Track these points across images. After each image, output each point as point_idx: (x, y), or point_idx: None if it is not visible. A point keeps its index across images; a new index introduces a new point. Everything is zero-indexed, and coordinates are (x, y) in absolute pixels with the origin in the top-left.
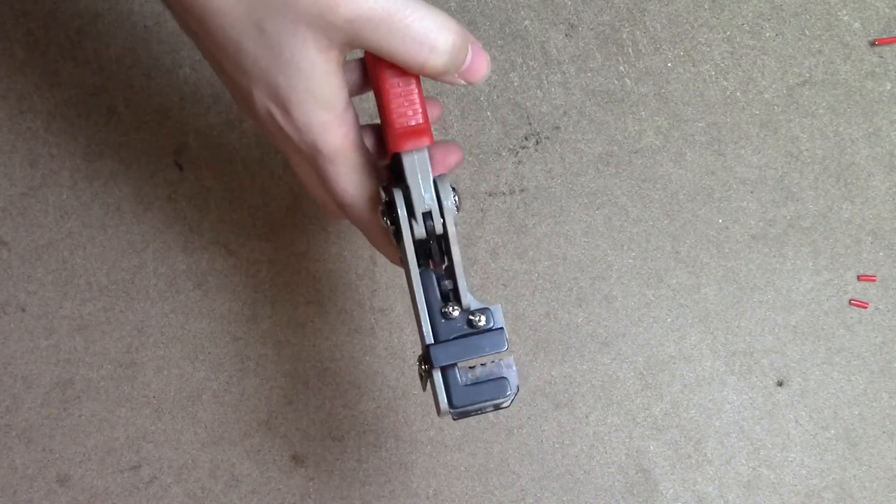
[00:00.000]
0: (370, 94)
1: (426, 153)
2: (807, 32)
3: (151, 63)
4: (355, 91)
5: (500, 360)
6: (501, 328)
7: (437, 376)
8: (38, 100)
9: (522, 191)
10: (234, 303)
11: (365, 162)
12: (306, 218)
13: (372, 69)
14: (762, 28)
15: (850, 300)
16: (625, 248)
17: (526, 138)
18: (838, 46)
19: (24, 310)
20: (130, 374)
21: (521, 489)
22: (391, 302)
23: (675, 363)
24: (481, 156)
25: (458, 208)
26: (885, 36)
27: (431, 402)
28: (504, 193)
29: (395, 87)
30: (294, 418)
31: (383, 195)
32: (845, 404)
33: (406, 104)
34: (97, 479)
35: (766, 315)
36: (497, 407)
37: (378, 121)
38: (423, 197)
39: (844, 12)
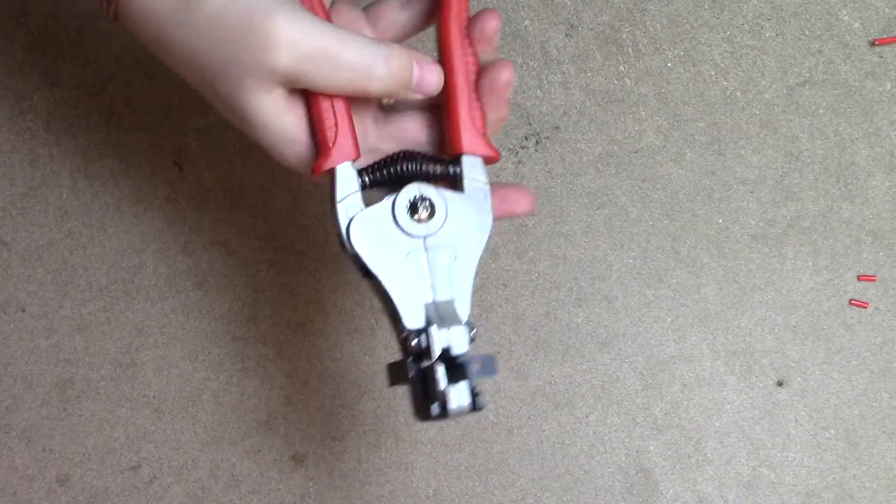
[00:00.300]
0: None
1: (333, 176)
2: (807, 32)
3: (151, 63)
4: (404, 32)
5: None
6: (408, 355)
7: (406, 388)
8: (38, 100)
9: None
10: (234, 303)
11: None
12: (306, 218)
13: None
14: (762, 28)
15: (850, 300)
16: (625, 248)
17: (526, 138)
18: (838, 46)
19: (24, 310)
20: (130, 374)
21: (521, 489)
22: None
23: (675, 363)
24: None
25: (418, 219)
26: (885, 36)
27: None
28: None
29: (311, 114)
30: (294, 418)
31: None
32: (845, 404)
33: (316, 129)
34: (97, 479)
35: (766, 315)
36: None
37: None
38: (337, 222)
39: (844, 12)
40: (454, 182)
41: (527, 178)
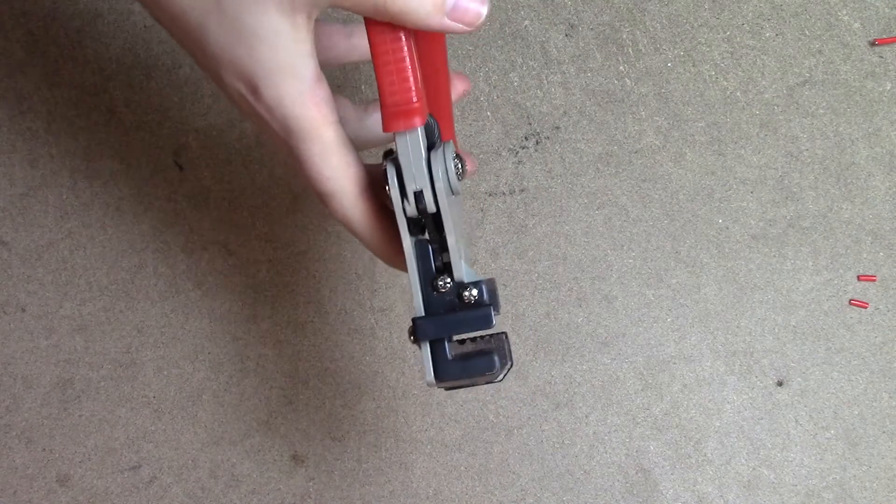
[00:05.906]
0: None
1: (418, 134)
2: (807, 32)
3: (151, 63)
4: (340, 58)
5: (493, 335)
6: (488, 305)
7: (426, 349)
8: (38, 100)
9: (522, 191)
10: (234, 303)
11: (342, 142)
12: (306, 218)
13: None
14: (762, 28)
15: (850, 300)
16: (625, 248)
17: (526, 138)
18: (838, 46)
19: (24, 310)
20: (130, 374)
21: (521, 489)
22: (391, 302)
23: (675, 363)
24: (481, 156)
25: (460, 176)
26: (885, 36)
27: (431, 401)
28: (504, 193)
29: (385, 56)
30: (294, 418)
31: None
32: (845, 404)
33: (398, 80)
34: (97, 479)
35: (766, 315)
36: (489, 381)
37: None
38: (414, 177)
39: (844, 12)
40: None
41: (527, 178)
